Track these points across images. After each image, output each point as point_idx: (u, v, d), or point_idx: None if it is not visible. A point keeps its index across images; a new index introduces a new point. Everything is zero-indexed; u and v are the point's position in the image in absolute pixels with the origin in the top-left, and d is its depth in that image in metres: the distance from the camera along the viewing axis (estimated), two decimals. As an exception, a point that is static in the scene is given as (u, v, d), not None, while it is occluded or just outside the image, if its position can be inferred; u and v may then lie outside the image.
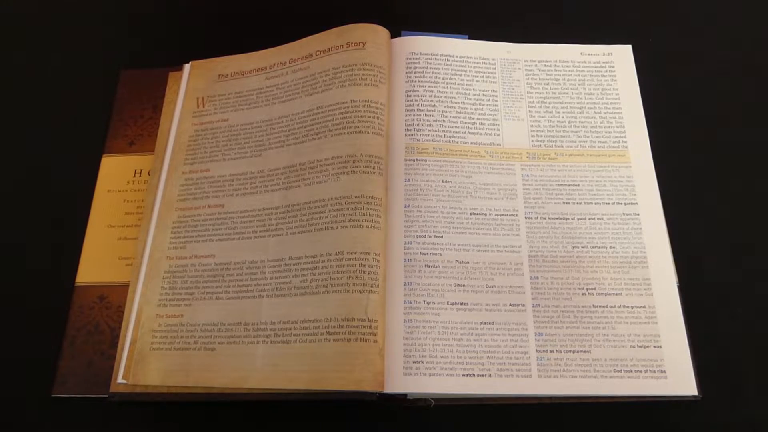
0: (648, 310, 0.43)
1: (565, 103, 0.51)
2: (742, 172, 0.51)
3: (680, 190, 0.49)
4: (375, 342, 0.41)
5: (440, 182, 0.47)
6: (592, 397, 0.41)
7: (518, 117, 0.51)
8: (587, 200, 0.47)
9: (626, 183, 0.48)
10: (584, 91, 0.52)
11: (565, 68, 0.53)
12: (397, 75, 0.52)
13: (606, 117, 0.51)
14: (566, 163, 0.49)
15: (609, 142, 0.50)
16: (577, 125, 0.50)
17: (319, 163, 0.47)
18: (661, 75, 0.54)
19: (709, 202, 0.49)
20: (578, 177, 0.48)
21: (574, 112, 0.51)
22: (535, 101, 0.52)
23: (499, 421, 0.42)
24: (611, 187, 0.48)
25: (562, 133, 0.50)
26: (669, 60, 0.56)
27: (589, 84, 0.52)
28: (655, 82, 0.53)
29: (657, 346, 0.42)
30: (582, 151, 0.49)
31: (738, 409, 0.42)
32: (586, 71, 0.53)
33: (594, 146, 0.49)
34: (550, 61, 0.53)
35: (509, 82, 0.52)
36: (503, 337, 0.42)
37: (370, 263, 0.43)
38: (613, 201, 0.47)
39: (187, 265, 0.46)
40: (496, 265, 0.45)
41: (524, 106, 0.51)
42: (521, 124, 0.51)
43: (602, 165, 0.49)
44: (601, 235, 0.46)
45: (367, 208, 0.44)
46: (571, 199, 0.47)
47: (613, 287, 0.44)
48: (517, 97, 0.52)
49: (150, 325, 0.44)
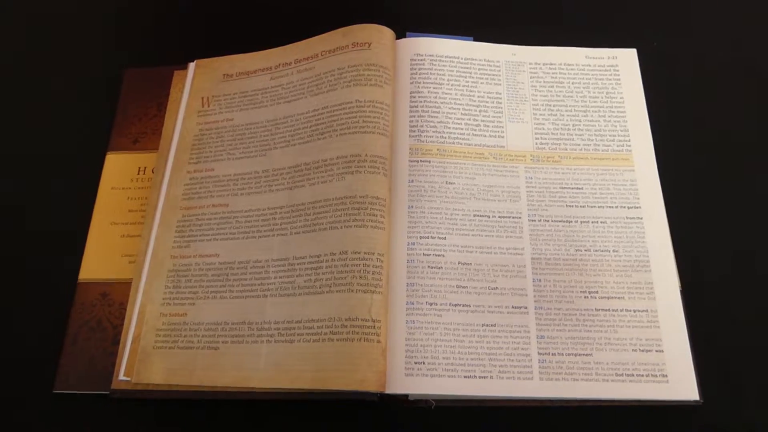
0: (650, 314, 0.43)
1: (569, 106, 0.52)
2: (745, 175, 0.51)
3: (683, 193, 0.49)
4: (378, 342, 0.41)
5: (444, 184, 0.47)
6: (594, 401, 0.41)
7: (522, 119, 0.51)
8: (591, 203, 0.47)
9: (630, 187, 0.48)
10: (588, 95, 0.52)
11: (570, 71, 0.53)
12: (401, 76, 0.52)
13: (610, 120, 0.51)
14: (570, 166, 0.49)
15: (613, 145, 0.50)
16: (581, 128, 0.51)
17: (324, 163, 0.47)
18: (665, 78, 0.54)
19: (712, 205, 0.49)
20: (582, 180, 0.48)
21: (578, 115, 0.51)
22: (539, 104, 0.52)
23: (500, 423, 0.42)
24: (615, 190, 0.48)
25: (566, 135, 0.50)
26: (672, 63, 0.56)
27: (594, 87, 0.52)
28: (658, 85, 0.53)
29: (659, 350, 0.42)
30: (586, 154, 0.49)
31: (738, 414, 0.42)
32: (591, 74, 0.53)
33: (598, 149, 0.50)
34: (555, 63, 0.53)
35: (513, 84, 0.52)
36: (505, 339, 0.42)
37: (374, 263, 0.43)
38: (617, 204, 0.47)
39: (191, 264, 0.46)
40: (498, 267, 0.45)
41: (528, 108, 0.51)
42: (525, 126, 0.51)
43: (606, 168, 0.49)
44: (604, 238, 0.46)
45: (371, 208, 0.44)
46: (575, 202, 0.47)
47: (616, 291, 0.44)
48: (521, 100, 0.52)
49: (154, 324, 0.44)
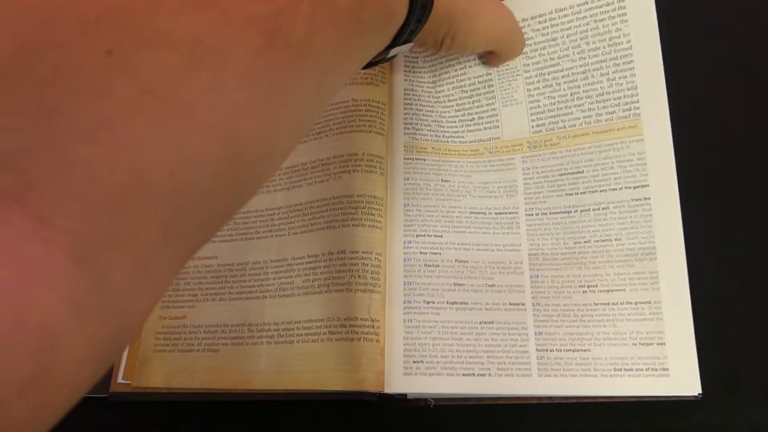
0: (653, 306, 0.42)
1: (565, 69, 0.46)
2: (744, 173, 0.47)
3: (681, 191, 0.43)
4: (377, 342, 0.41)
5: (440, 182, 0.47)
6: (592, 397, 0.41)
7: (516, 100, 0.48)
8: (592, 188, 0.44)
9: (637, 161, 0.44)
10: (587, 47, 0.46)
11: (564, 20, 0.46)
12: (396, 73, 0.51)
13: (614, 79, 0.45)
14: (569, 147, 0.46)
15: (618, 111, 0.45)
16: (581, 96, 0.46)
17: (321, 162, 0.47)
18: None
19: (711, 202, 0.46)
20: (582, 162, 0.45)
21: (577, 80, 0.46)
22: (532, 75, 0.47)
23: (499, 421, 0.42)
24: (619, 168, 0.44)
25: (564, 110, 0.46)
26: (670, 61, 0.45)
27: (594, 35, 0.45)
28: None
29: (660, 343, 0.41)
30: (587, 129, 0.45)
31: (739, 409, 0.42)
32: (590, 18, 0.45)
33: (600, 120, 0.45)
34: (545, 14, 0.47)
35: None
36: (503, 336, 0.42)
37: (373, 263, 0.43)
38: (621, 186, 0.44)
39: (190, 267, 0.46)
40: (495, 263, 0.44)
41: (521, 84, 0.48)
42: (520, 108, 0.48)
43: (610, 143, 0.44)
44: (605, 227, 0.44)
45: (368, 207, 0.44)
46: (575, 190, 0.45)
47: (617, 283, 0.43)
48: (513, 74, 0.48)
49: (153, 327, 0.44)
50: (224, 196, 0.21)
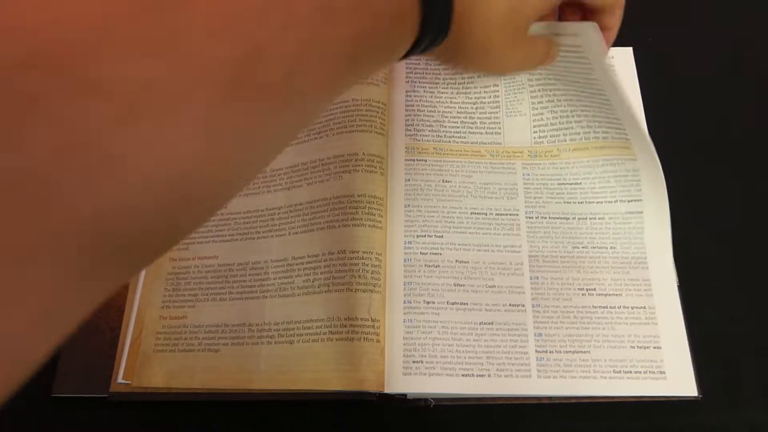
0: (648, 311, 0.43)
1: (569, 88, 0.48)
2: (744, 173, 0.50)
3: (680, 191, 0.46)
4: (378, 342, 0.41)
5: (440, 182, 0.47)
6: (592, 398, 0.41)
7: (520, 112, 0.50)
8: (589, 199, 0.46)
9: (632, 177, 0.46)
10: (591, 77, 0.47)
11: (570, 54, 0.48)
12: (397, 75, 0.51)
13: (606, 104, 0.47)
14: (569, 159, 0.48)
15: (612, 132, 0.47)
16: (580, 114, 0.48)
17: (321, 162, 0.47)
18: (662, 75, 0.53)
19: (710, 202, 0.48)
20: (581, 174, 0.47)
21: (580, 98, 0.48)
22: (536, 89, 0.50)
23: (499, 421, 0.42)
24: (615, 182, 0.46)
25: (565, 124, 0.48)
26: (668, 60, 0.54)
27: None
28: (654, 82, 0.52)
29: (656, 347, 0.42)
30: (586, 144, 0.48)
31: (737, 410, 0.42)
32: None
33: (598, 137, 0.47)
34: None
35: None
36: (503, 337, 0.42)
37: (373, 262, 0.43)
38: (616, 199, 0.46)
39: (191, 267, 0.46)
40: (496, 264, 0.45)
41: (526, 97, 0.50)
42: (523, 119, 0.50)
43: (607, 159, 0.47)
44: (602, 235, 0.45)
45: (369, 207, 0.44)
46: (572, 199, 0.47)
47: (614, 288, 0.44)
48: (518, 88, 0.50)
49: (153, 327, 0.44)
50: (156, 239, 0.20)
